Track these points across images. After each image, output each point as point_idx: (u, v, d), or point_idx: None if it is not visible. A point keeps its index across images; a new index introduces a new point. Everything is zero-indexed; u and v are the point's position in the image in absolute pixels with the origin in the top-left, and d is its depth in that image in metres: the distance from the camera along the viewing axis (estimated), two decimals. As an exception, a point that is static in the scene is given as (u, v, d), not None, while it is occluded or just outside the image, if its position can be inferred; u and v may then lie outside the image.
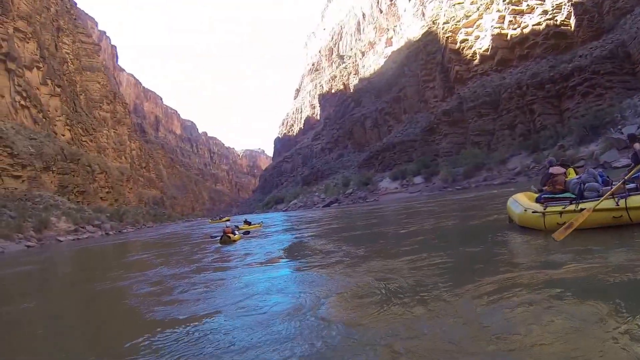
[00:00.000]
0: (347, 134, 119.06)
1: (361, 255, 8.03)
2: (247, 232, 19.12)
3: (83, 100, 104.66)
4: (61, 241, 37.85)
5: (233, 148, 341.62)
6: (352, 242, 10.96)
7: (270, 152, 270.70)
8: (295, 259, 9.51)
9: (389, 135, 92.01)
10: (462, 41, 69.96)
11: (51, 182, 62.87)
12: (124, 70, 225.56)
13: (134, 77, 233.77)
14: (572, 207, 6.64)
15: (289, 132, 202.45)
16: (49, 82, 79.82)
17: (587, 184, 6.80)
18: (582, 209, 6.31)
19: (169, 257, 14.24)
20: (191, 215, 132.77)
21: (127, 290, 7.82)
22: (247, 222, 25.28)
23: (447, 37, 71.95)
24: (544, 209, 7.13)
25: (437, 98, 76.67)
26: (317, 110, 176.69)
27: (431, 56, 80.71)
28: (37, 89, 76.57)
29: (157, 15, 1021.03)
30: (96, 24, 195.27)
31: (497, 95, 57.95)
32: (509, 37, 62.96)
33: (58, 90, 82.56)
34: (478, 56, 67.06)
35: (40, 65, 78.61)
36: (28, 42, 76.11)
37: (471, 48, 68.61)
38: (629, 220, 6.13)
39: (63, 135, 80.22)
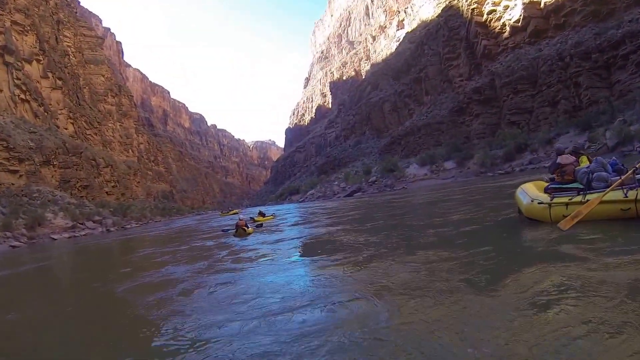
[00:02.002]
0: (364, 120, 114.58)
1: (390, 251, 7.36)
2: (260, 225, 18.23)
3: (87, 93, 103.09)
4: (55, 239, 34.63)
5: (243, 140, 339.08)
6: (383, 236, 9.77)
7: (281, 143, 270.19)
8: (315, 255, 8.48)
9: (410, 119, 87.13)
10: (490, 12, 64.42)
11: (52, 176, 59.88)
12: (130, 65, 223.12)
13: (141, 72, 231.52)
14: (578, 198, 6.37)
15: (300, 121, 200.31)
16: (50, 75, 78.36)
17: (595, 174, 6.49)
18: (588, 201, 6.06)
19: (176, 254, 12.87)
20: (201, 209, 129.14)
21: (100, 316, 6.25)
22: (261, 214, 24.99)
23: (473, 10, 66.46)
24: (551, 200, 6.88)
25: (463, 77, 71.47)
26: (329, 98, 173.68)
27: (454, 32, 75.30)
28: (38, 82, 75.06)
29: (162, 10, 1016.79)
30: (100, 20, 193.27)
31: (534, 69, 52.85)
32: (542, 5, 57.37)
33: (60, 83, 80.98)
34: (508, 28, 61.54)
35: (40, 58, 76.88)
36: (27, 35, 74.62)
37: (500, 20, 63.13)
38: (637, 214, 5.74)
39: (66, 129, 78.17)
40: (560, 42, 51.90)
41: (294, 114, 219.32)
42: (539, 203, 7.06)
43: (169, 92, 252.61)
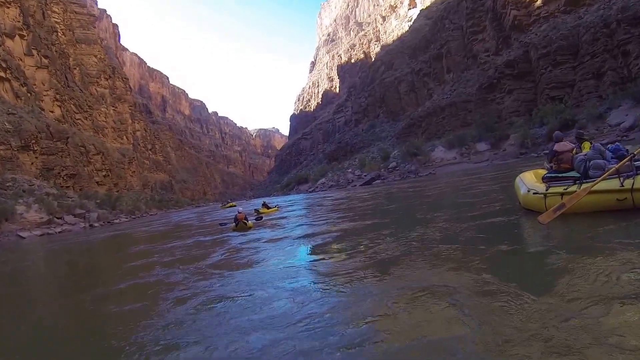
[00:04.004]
0: (378, 102, 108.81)
1: (420, 258, 5.58)
2: (260, 218, 17.54)
3: (77, 74, 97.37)
4: (23, 238, 29.23)
5: (246, 128, 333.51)
6: (413, 237, 7.40)
7: (285, 130, 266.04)
8: (325, 258, 7.05)
9: (430, 99, 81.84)
10: (520, -20, 59.33)
11: (32, 163, 53.68)
12: (127, 49, 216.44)
13: (138, 57, 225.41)
14: (574, 187, 6.10)
15: (306, 107, 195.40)
16: (34, 52, 73.50)
17: (592, 162, 6.19)
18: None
19: (162, 256, 10.64)
20: (202, 200, 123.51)
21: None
22: (265, 206, 24.33)
23: (500, -22, 60.78)
24: (546, 190, 6.64)
25: (489, 51, 66.41)
26: (336, 82, 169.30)
27: (478, 3, 70.06)
28: (20, 59, 69.96)
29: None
30: (95, 1, 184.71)
31: (575, 38, 48.40)
32: (579, -31, 52.38)
33: (45, 61, 75.86)
34: (541, -4, 56.42)
35: (24, 33, 72.07)
36: (9, 7, 70.74)
37: (531, -13, 57.89)
38: (633, 204, 5.48)
39: (52, 112, 72.61)
40: (604, 7, 48.14)
41: (299, 100, 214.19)
42: (534, 193, 6.82)
43: (168, 78, 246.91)
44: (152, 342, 3.90)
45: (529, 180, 7.57)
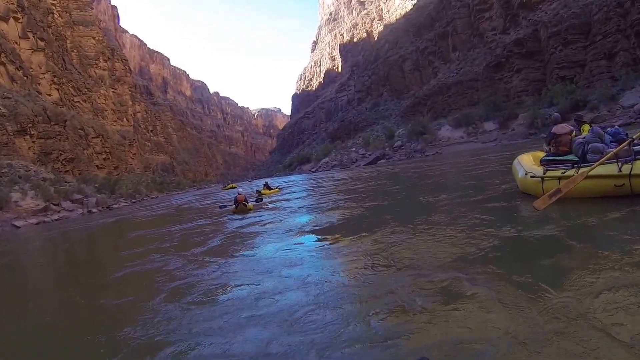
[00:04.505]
0: (381, 80, 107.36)
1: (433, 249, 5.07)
2: (260, 200, 17.25)
3: (75, 57, 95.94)
4: (18, 227, 27.75)
5: (247, 108, 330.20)
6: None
7: (287, 110, 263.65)
8: (327, 242, 6.92)
9: (436, 78, 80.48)
10: (530, -45, 57.62)
11: (29, 148, 52.85)
12: (126, 31, 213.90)
13: (138, 38, 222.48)
14: (572, 171, 5.95)
15: (308, 87, 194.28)
16: (30, 35, 72.14)
17: (590, 145, 6.05)
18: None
19: (159, 242, 10.41)
20: (204, 182, 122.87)
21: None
22: (267, 187, 24.10)
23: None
24: (544, 173, 6.48)
25: (497, 30, 65.13)
26: (338, 61, 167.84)
27: None
28: (16, 42, 68.75)
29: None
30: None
31: (587, 17, 47.50)
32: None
33: (42, 44, 74.51)
34: (552, -27, 54.68)
35: (19, 16, 70.36)
36: None
37: (542, -37, 56.26)
38: (631, 190, 5.28)
39: (49, 95, 71.36)
40: (617, -16, 47.30)
41: (300, 80, 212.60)
42: (531, 176, 6.68)
43: (169, 59, 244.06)
44: (151, 339, 3.74)
45: (527, 163, 7.41)
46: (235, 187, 45.75)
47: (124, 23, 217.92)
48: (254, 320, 3.64)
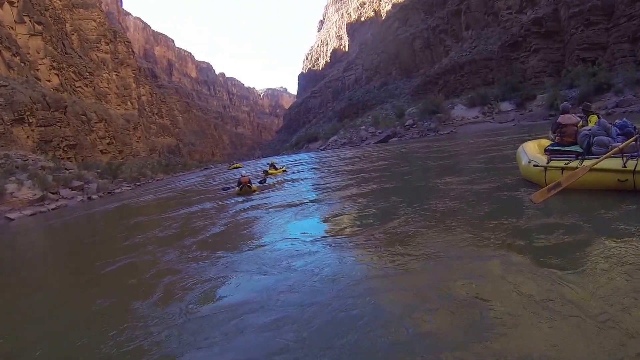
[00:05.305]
0: (391, 59, 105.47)
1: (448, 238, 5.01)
2: (264, 181, 16.96)
3: (76, 40, 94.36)
4: (12, 220, 26.79)
5: (253, 88, 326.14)
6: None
7: (293, 90, 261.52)
8: (335, 229, 6.64)
9: (447, 56, 78.65)
10: None
11: (28, 137, 52.33)
12: (130, 14, 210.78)
13: (142, 21, 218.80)
14: (575, 163, 5.91)
15: (314, 66, 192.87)
16: (26, 19, 70.62)
17: (595, 138, 5.94)
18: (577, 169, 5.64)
19: (157, 229, 10.28)
20: (210, 162, 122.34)
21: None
22: (272, 166, 23.79)
23: None
24: (547, 163, 6.45)
25: (512, 9, 63.05)
26: (345, 40, 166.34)
27: None
28: (12, 28, 67.72)
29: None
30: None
31: None
32: None
33: (39, 28, 73.15)
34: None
35: (14, 0, 68.25)
36: None
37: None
38: (634, 186, 5.20)
39: (49, 81, 70.48)
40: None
41: (307, 59, 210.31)
42: (534, 165, 6.60)
43: (173, 41, 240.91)
44: (144, 340, 3.66)
45: (531, 151, 7.35)
46: (240, 167, 46.43)
47: (127, 5, 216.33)
48: (264, 318, 3.53)
